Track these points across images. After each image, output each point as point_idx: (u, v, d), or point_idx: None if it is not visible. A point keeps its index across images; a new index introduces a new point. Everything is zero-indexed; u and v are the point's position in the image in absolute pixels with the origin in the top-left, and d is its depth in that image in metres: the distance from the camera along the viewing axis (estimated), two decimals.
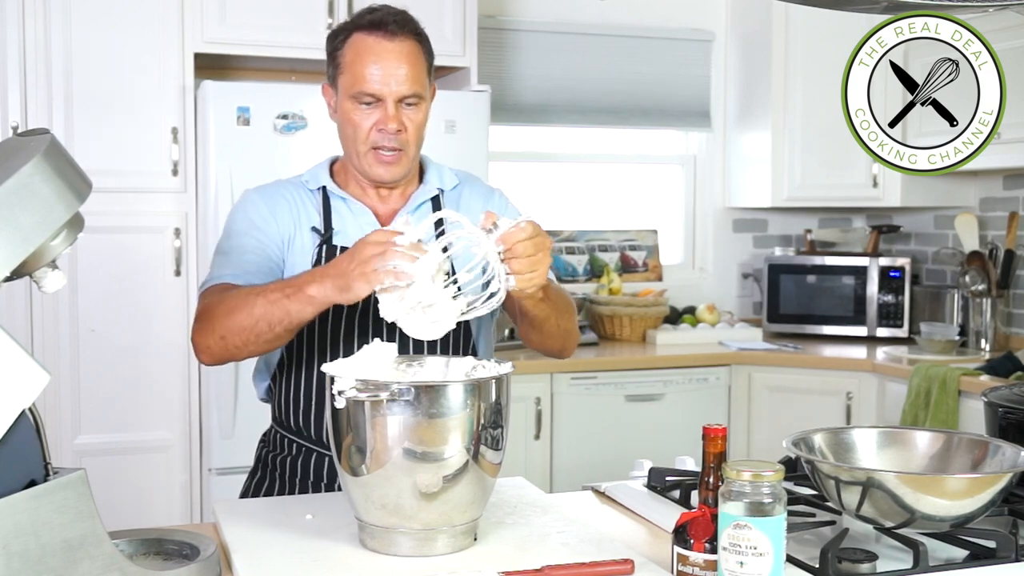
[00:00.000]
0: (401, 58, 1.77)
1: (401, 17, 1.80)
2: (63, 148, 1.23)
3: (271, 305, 1.62)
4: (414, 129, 1.80)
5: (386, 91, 1.76)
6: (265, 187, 1.91)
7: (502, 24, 4.21)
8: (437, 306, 1.50)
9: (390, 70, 1.76)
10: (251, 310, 1.64)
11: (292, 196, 1.87)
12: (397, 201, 1.88)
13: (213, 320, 1.70)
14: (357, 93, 1.77)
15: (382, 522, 1.41)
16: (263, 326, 1.64)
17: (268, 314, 1.63)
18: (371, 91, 1.76)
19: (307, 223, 1.85)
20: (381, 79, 1.76)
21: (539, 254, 1.53)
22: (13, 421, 1.16)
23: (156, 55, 3.32)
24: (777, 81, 4.23)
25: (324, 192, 1.87)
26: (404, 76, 1.76)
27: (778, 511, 1.24)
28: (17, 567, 1.15)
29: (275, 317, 1.62)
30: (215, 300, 1.72)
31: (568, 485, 3.54)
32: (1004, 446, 1.55)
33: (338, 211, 1.86)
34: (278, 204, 1.85)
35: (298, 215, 1.85)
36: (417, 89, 1.78)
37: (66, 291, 3.23)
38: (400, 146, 1.79)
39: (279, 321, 1.63)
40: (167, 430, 3.37)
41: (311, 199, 1.87)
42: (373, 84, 1.76)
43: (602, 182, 4.56)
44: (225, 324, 1.67)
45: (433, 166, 1.95)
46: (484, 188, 1.99)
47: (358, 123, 1.79)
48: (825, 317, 4.29)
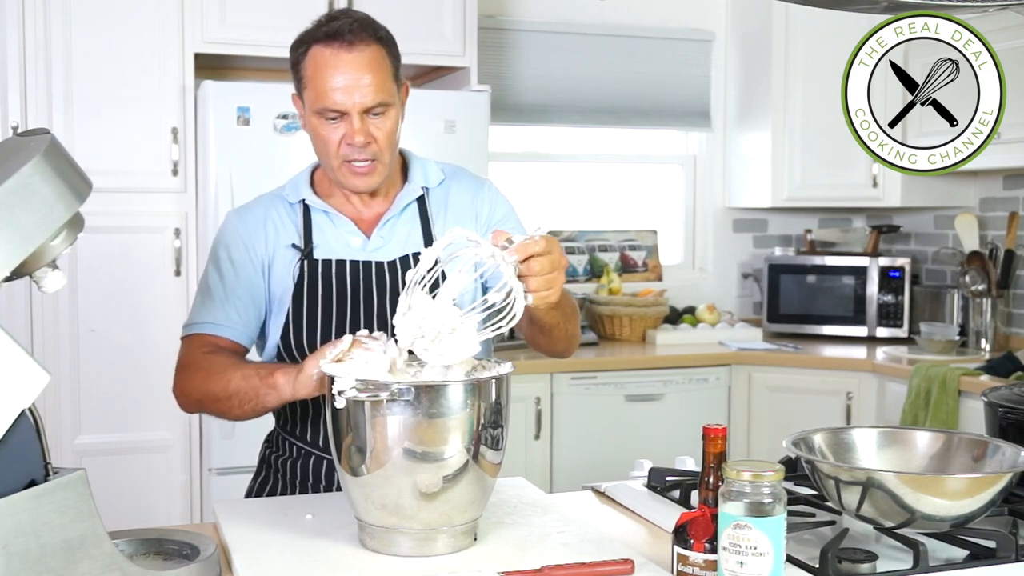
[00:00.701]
0: (362, 68, 1.70)
1: (358, 24, 1.72)
2: (63, 148, 1.23)
3: (243, 381, 1.67)
4: (384, 137, 1.74)
5: (349, 104, 1.70)
6: (246, 208, 1.88)
7: (502, 24, 4.21)
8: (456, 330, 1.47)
9: (351, 82, 1.69)
10: (226, 384, 1.69)
11: (271, 215, 1.85)
12: (382, 204, 1.86)
13: (192, 381, 1.76)
14: (321, 109, 1.72)
15: (382, 522, 1.41)
16: (235, 401, 1.69)
17: (240, 391, 1.67)
18: (334, 106, 1.70)
19: (286, 241, 1.83)
20: (343, 93, 1.69)
21: (555, 272, 1.50)
22: (13, 421, 1.16)
23: (156, 55, 3.32)
24: (777, 81, 4.23)
25: (304, 206, 1.84)
26: (367, 87, 1.70)
27: (778, 511, 1.24)
28: (17, 567, 1.15)
29: (246, 396, 1.67)
30: (196, 361, 1.77)
31: (568, 485, 3.54)
32: (1004, 446, 1.55)
33: (319, 225, 1.83)
34: (258, 227, 1.84)
35: (276, 235, 1.83)
36: (382, 97, 1.72)
37: (66, 291, 3.23)
38: (372, 156, 1.74)
39: (248, 400, 1.67)
40: (167, 430, 3.37)
41: (291, 214, 1.85)
42: (335, 99, 1.70)
43: (602, 182, 4.56)
44: (202, 390, 1.74)
45: (417, 162, 1.90)
46: (472, 181, 1.95)
47: (326, 138, 1.74)
48: (825, 317, 4.29)
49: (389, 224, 1.84)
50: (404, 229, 1.85)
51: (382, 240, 1.84)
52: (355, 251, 1.83)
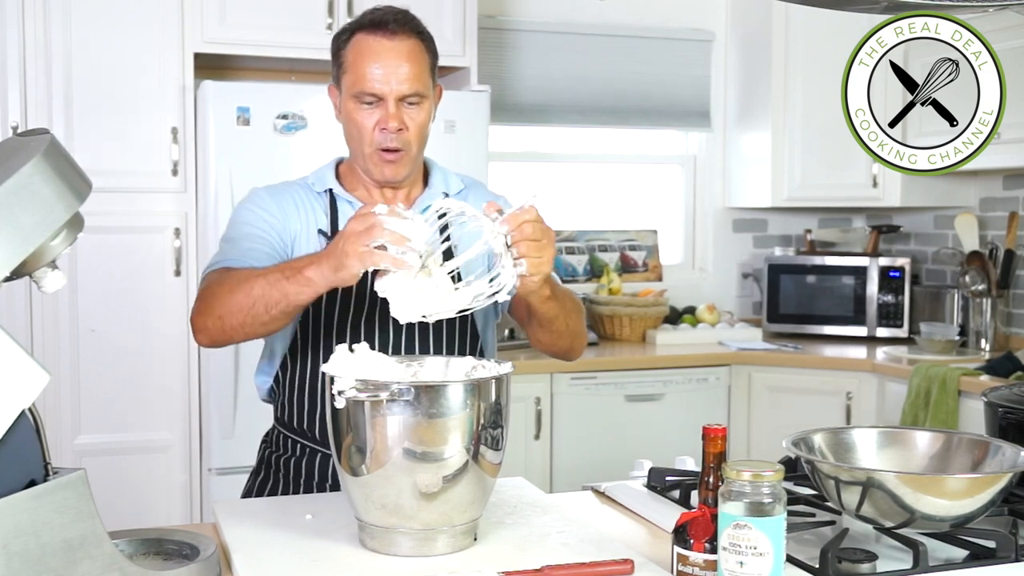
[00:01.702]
0: (401, 57, 1.77)
1: (402, 16, 1.81)
2: (63, 148, 1.23)
3: (270, 286, 1.62)
4: (416, 128, 1.80)
5: (387, 90, 1.77)
6: (274, 186, 1.92)
7: (502, 24, 4.21)
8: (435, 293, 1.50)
9: (391, 69, 1.76)
10: (250, 290, 1.64)
11: (300, 197, 1.88)
12: (403, 205, 1.88)
13: (212, 300, 1.70)
14: (358, 92, 1.78)
15: (382, 522, 1.41)
16: (260, 307, 1.63)
17: (266, 295, 1.62)
18: (372, 90, 1.77)
19: (315, 225, 1.85)
20: (382, 78, 1.76)
21: (544, 239, 1.54)
22: (13, 421, 1.16)
23: (156, 55, 3.32)
24: (777, 81, 4.23)
25: (331, 195, 1.88)
26: (405, 75, 1.77)
27: (778, 511, 1.24)
28: (17, 567, 1.15)
29: (272, 299, 1.62)
30: (216, 281, 1.73)
31: (568, 485, 3.54)
32: (1004, 446, 1.55)
33: (345, 214, 1.85)
34: (287, 203, 1.86)
35: (306, 216, 1.86)
36: (418, 88, 1.79)
37: (66, 291, 3.23)
38: (402, 146, 1.79)
39: (276, 303, 1.62)
40: (167, 430, 3.37)
41: (318, 201, 1.88)
42: (374, 83, 1.77)
43: (602, 182, 4.56)
44: (224, 304, 1.67)
45: (439, 170, 1.95)
46: (489, 195, 2.00)
47: (361, 123, 1.79)
48: (825, 317, 4.29)
49: None
50: None
51: None
52: None
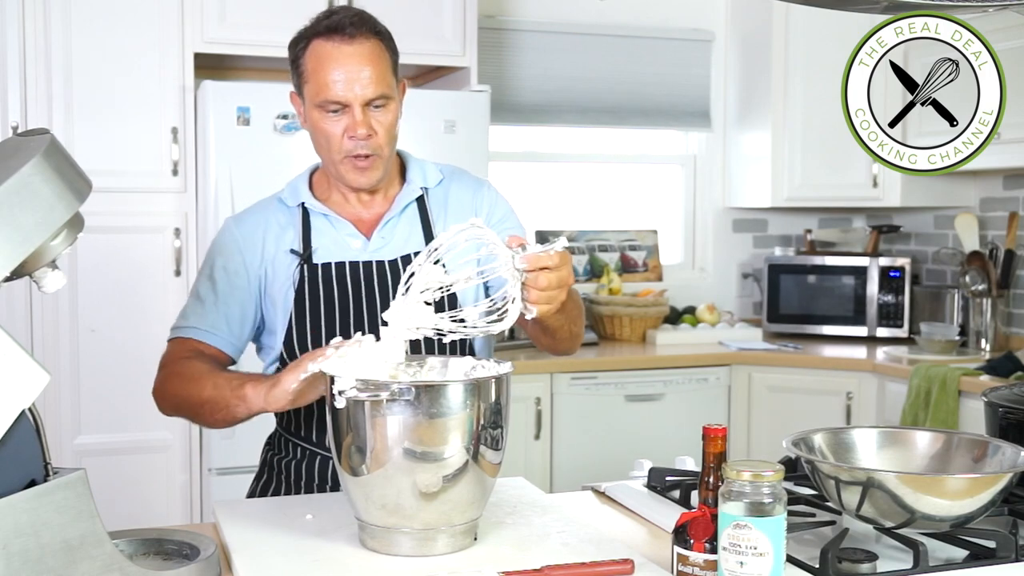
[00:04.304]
0: (363, 60, 1.72)
1: (358, 18, 1.75)
2: (63, 148, 1.23)
3: (215, 391, 1.67)
4: (384, 131, 1.76)
5: (351, 96, 1.72)
6: (242, 217, 1.89)
7: (502, 24, 4.21)
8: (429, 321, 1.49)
9: (353, 74, 1.71)
10: (200, 392, 1.70)
11: (270, 221, 1.85)
12: (381, 204, 1.86)
13: (169, 385, 1.77)
14: (322, 102, 1.73)
15: (382, 522, 1.41)
16: (207, 409, 1.70)
17: (212, 400, 1.68)
18: (336, 98, 1.72)
19: (285, 247, 1.83)
20: (345, 85, 1.71)
21: (559, 290, 1.49)
22: (13, 421, 1.16)
23: (156, 55, 3.33)
24: (777, 81, 4.23)
25: (303, 209, 1.85)
26: (368, 79, 1.72)
27: (778, 511, 1.24)
28: (17, 567, 1.15)
29: (216, 405, 1.68)
30: (175, 365, 1.78)
31: (568, 485, 3.54)
32: (1004, 446, 1.55)
33: (318, 228, 1.83)
34: (253, 239, 1.84)
35: (275, 242, 1.83)
36: (383, 90, 1.74)
37: (66, 291, 3.23)
38: (372, 151, 1.75)
39: (219, 410, 1.68)
40: (167, 430, 3.37)
41: (290, 218, 1.85)
42: (337, 91, 1.71)
43: (602, 182, 4.56)
44: (178, 395, 1.75)
45: (415, 163, 1.91)
46: (472, 181, 1.95)
47: (328, 132, 1.75)
48: (825, 317, 4.29)
49: (389, 225, 1.85)
50: (404, 230, 1.85)
51: (382, 241, 1.84)
52: (355, 252, 1.83)
